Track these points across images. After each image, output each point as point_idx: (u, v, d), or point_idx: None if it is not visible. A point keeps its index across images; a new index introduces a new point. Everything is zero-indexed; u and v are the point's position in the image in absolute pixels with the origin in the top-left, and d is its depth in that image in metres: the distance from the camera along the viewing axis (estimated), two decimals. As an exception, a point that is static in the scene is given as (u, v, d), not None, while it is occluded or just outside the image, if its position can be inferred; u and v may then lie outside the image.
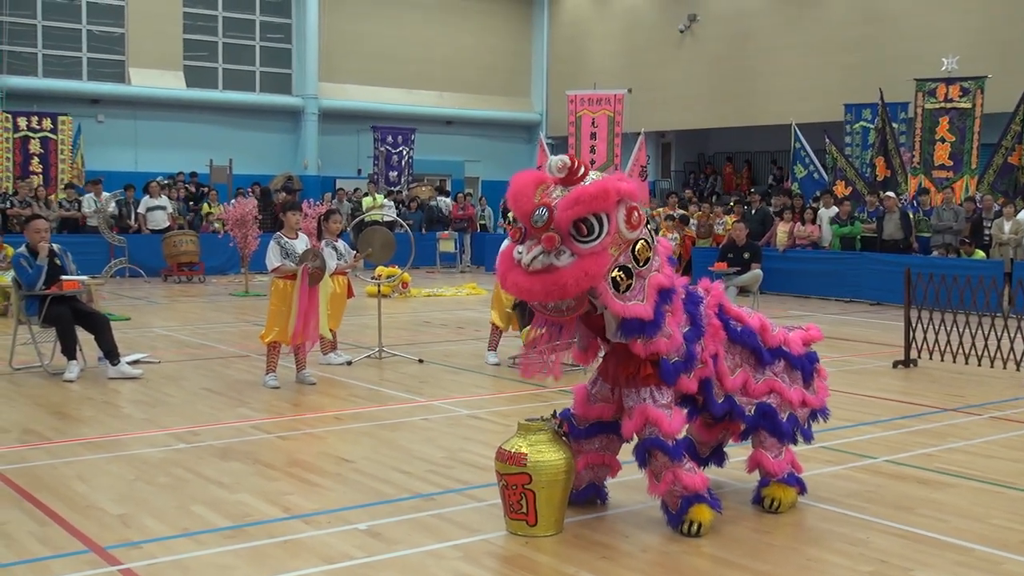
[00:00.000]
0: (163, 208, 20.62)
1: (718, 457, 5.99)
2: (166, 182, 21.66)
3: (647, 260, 4.94)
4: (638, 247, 4.90)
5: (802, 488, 5.71)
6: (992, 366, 9.84)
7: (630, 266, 4.87)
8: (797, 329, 5.84)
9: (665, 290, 4.98)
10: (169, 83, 27.42)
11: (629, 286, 4.87)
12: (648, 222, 5.05)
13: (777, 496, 5.56)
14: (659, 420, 5.02)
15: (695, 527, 5.09)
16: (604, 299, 4.84)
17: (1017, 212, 16.28)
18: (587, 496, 5.54)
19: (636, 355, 5.00)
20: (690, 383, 5.17)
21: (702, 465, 5.71)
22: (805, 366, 5.68)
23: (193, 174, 24.71)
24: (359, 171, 29.43)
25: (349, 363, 10.26)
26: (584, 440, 5.40)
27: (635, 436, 5.16)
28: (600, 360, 5.39)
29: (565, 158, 4.81)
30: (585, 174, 4.83)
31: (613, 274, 4.82)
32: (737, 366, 5.40)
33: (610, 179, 4.85)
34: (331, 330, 10.10)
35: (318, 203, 17.18)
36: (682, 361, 5.09)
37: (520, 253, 4.81)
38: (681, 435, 5.21)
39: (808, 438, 5.84)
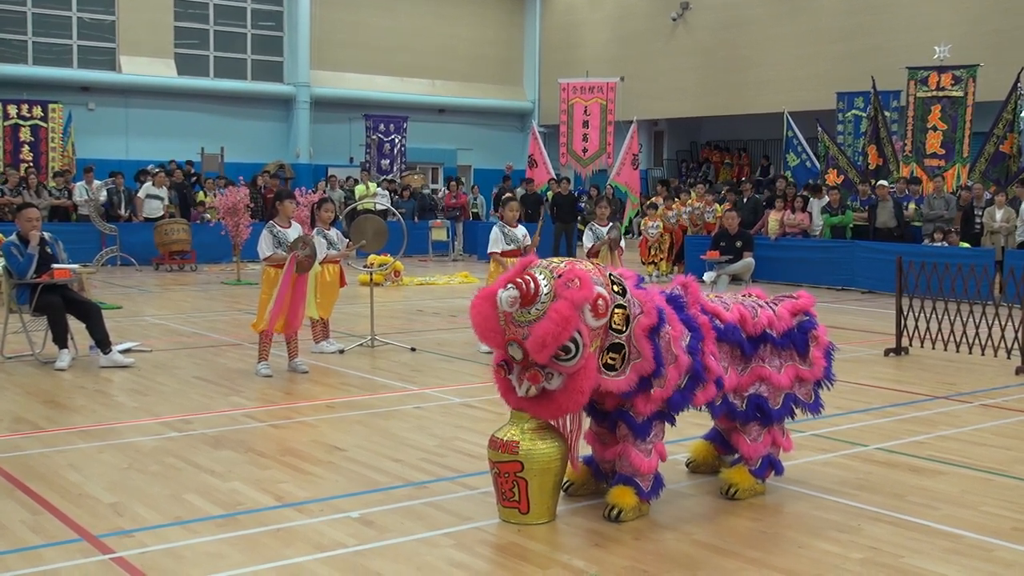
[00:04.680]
0: (160, 199, 20.56)
1: None
2: (157, 171, 21.58)
3: (627, 320, 4.94)
4: (615, 319, 4.90)
5: (777, 470, 5.72)
6: (983, 354, 9.86)
7: (617, 341, 4.91)
8: (787, 299, 5.81)
9: (653, 328, 4.98)
10: (160, 71, 27.33)
11: (624, 357, 4.92)
12: (613, 283, 4.97)
13: (735, 481, 5.55)
14: (638, 464, 5.11)
15: (615, 512, 5.10)
16: (606, 387, 4.92)
17: (1009, 200, 16.31)
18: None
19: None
20: (707, 392, 5.22)
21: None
22: (797, 339, 5.65)
23: (188, 163, 24.64)
24: (351, 159, 29.39)
25: (341, 351, 10.25)
26: (604, 422, 5.35)
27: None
28: None
29: (513, 293, 4.71)
30: (536, 292, 4.72)
31: (604, 361, 4.89)
32: (727, 364, 5.41)
33: (563, 296, 4.70)
34: (322, 318, 10.09)
35: (311, 191, 17.15)
36: (692, 378, 5.13)
37: (513, 382, 4.94)
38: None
39: (816, 410, 5.85)
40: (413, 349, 10.49)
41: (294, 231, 9.27)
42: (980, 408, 8.04)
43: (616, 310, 4.91)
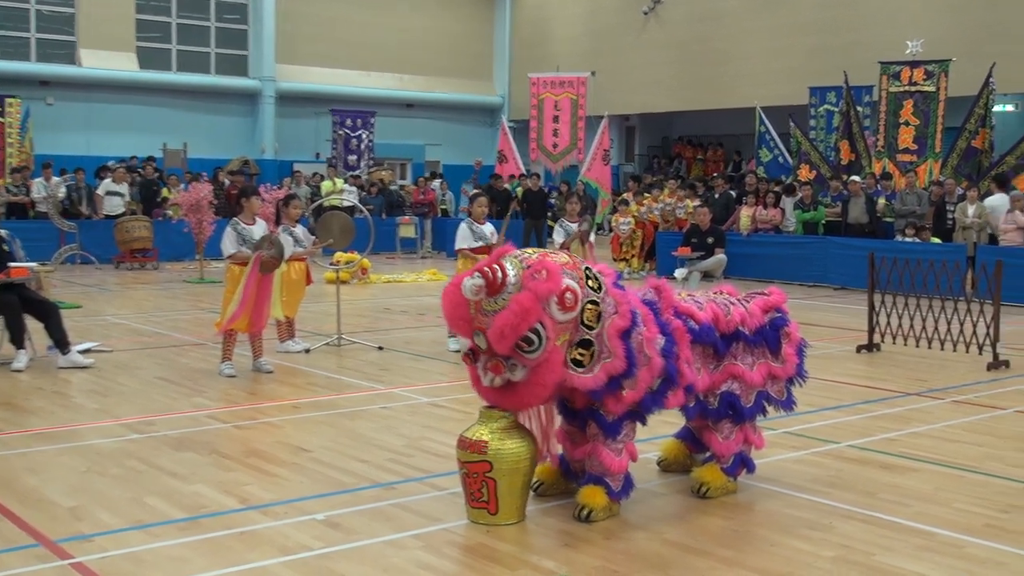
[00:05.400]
0: (121, 195, 20.37)
1: None
2: (117, 166, 21.38)
3: (599, 317, 4.93)
4: (586, 315, 4.89)
5: (749, 468, 5.76)
6: (955, 350, 9.96)
7: (587, 337, 4.89)
8: (759, 296, 5.85)
9: (626, 330, 4.99)
10: (121, 65, 27.09)
11: (593, 354, 4.90)
12: (589, 278, 4.96)
13: (707, 480, 5.58)
14: (608, 463, 5.12)
15: (585, 512, 5.11)
16: (572, 383, 4.89)
17: (981, 196, 16.47)
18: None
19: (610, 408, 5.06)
20: (678, 397, 5.24)
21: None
22: (769, 336, 5.68)
23: (150, 159, 24.43)
24: (317, 155, 29.26)
25: (307, 351, 10.20)
26: (575, 420, 5.35)
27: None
28: None
29: (477, 281, 4.71)
30: (504, 281, 4.73)
31: (572, 356, 4.87)
32: (700, 365, 5.43)
33: (527, 287, 4.72)
34: (288, 317, 10.04)
35: (276, 188, 17.06)
36: (665, 381, 5.14)
37: (479, 372, 4.96)
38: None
39: (789, 407, 5.89)
40: (380, 348, 10.46)
41: (259, 228, 9.22)
42: (952, 404, 8.12)
43: (588, 305, 4.89)
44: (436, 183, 25.98)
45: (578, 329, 4.88)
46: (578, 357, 4.89)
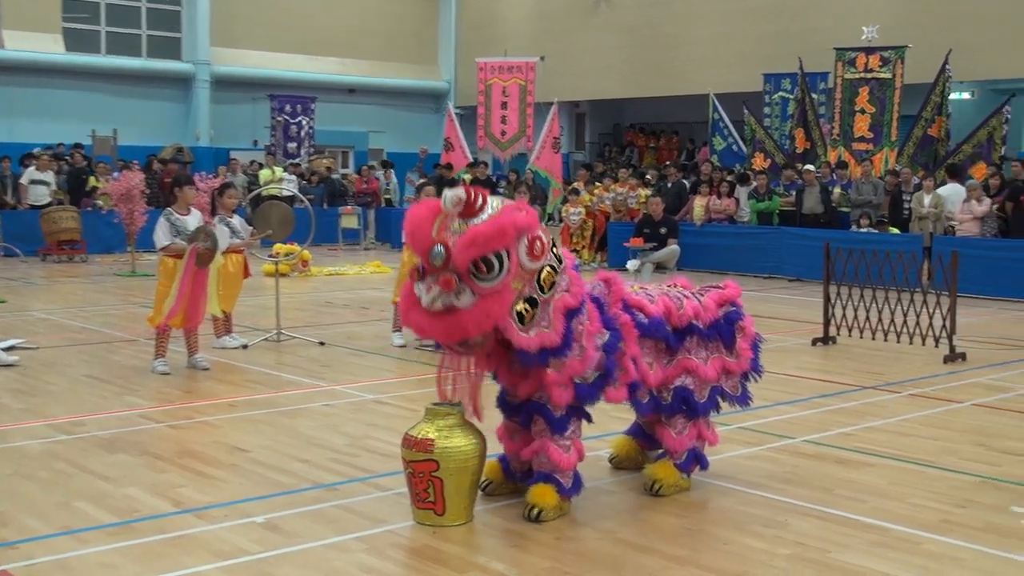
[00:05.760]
0: (47, 184, 20.07)
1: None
2: (42, 154, 21.06)
3: (552, 285, 4.97)
4: (543, 275, 4.92)
5: (702, 464, 5.82)
6: (911, 343, 10.12)
7: (536, 296, 4.91)
8: (713, 289, 5.91)
9: (572, 310, 5.02)
10: (47, 47, 26.64)
11: (535, 316, 4.91)
12: (554, 246, 5.04)
13: (660, 477, 5.63)
14: (557, 460, 5.14)
15: (535, 512, 5.14)
16: (508, 335, 4.86)
17: (937, 185, 16.73)
18: (530, 479, 5.47)
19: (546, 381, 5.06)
20: (618, 393, 5.27)
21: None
22: (723, 330, 5.74)
23: (78, 146, 24.08)
24: (255, 142, 29.03)
25: (245, 347, 10.14)
26: (516, 417, 5.38)
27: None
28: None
29: (460, 192, 4.76)
30: (484, 205, 4.79)
31: (518, 308, 4.87)
32: (652, 360, 5.46)
33: (507, 213, 4.81)
34: (224, 312, 9.96)
35: (211, 176, 16.90)
36: (602, 376, 5.16)
37: (420, 292, 4.83)
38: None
39: (744, 403, 5.96)
40: (322, 343, 10.42)
41: (193, 219, 9.14)
42: (908, 398, 8.26)
43: (548, 268, 4.94)
44: (383, 172, 25.91)
45: (532, 285, 4.91)
46: (522, 311, 4.88)
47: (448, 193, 4.77)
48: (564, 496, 5.23)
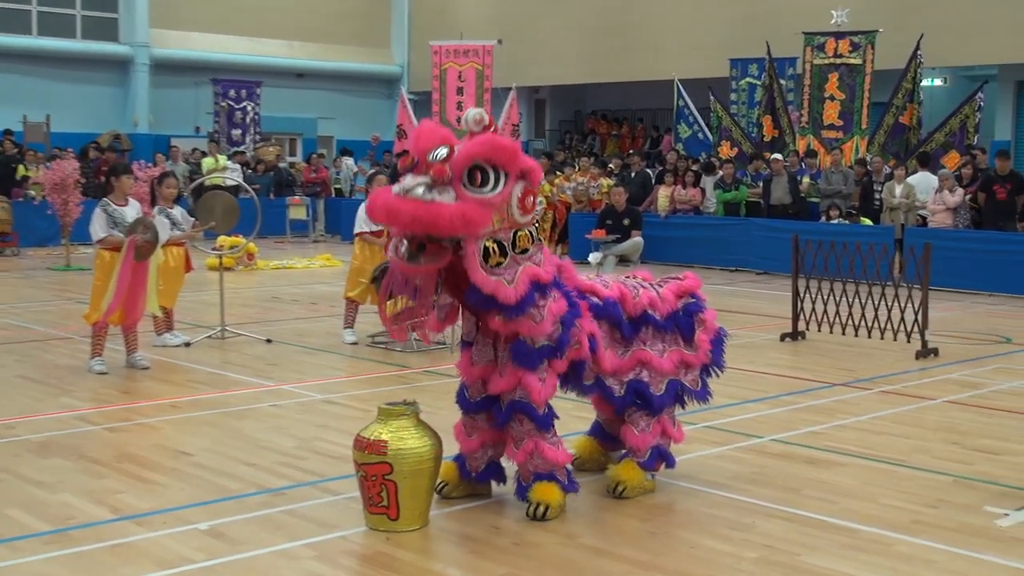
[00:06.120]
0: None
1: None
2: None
3: (524, 251, 5.08)
4: (520, 234, 5.07)
5: (668, 462, 5.86)
6: (883, 338, 10.22)
7: (506, 244, 5.00)
8: (672, 281, 5.97)
9: (541, 284, 5.11)
10: (-26, 27, 26.31)
11: (499, 263, 4.96)
12: (536, 223, 5.28)
13: (624, 479, 5.66)
14: (530, 386, 5.16)
15: (541, 510, 5.22)
16: (468, 260, 4.89)
17: (908, 175, 16.91)
18: (486, 478, 5.57)
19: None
20: (559, 364, 5.28)
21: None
22: (682, 322, 5.79)
23: (7, 132, 23.77)
24: (197, 129, 28.82)
25: (187, 344, 10.08)
26: (476, 415, 5.44)
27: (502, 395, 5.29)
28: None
29: (483, 112, 5.08)
30: (495, 131, 5.12)
31: (486, 242, 4.92)
32: (607, 346, 5.50)
33: (516, 151, 5.09)
34: (164, 308, 9.88)
35: (150, 165, 16.76)
36: (552, 345, 5.20)
37: (398, 185, 4.91)
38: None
39: (703, 398, 5.99)
40: (269, 341, 10.39)
41: (132, 209, 9.07)
42: (879, 395, 8.35)
43: (527, 232, 5.10)
44: (348, 161, 25.84)
45: (507, 235, 5.02)
46: (490, 248, 4.94)
47: (471, 111, 5.07)
48: (567, 491, 5.34)
